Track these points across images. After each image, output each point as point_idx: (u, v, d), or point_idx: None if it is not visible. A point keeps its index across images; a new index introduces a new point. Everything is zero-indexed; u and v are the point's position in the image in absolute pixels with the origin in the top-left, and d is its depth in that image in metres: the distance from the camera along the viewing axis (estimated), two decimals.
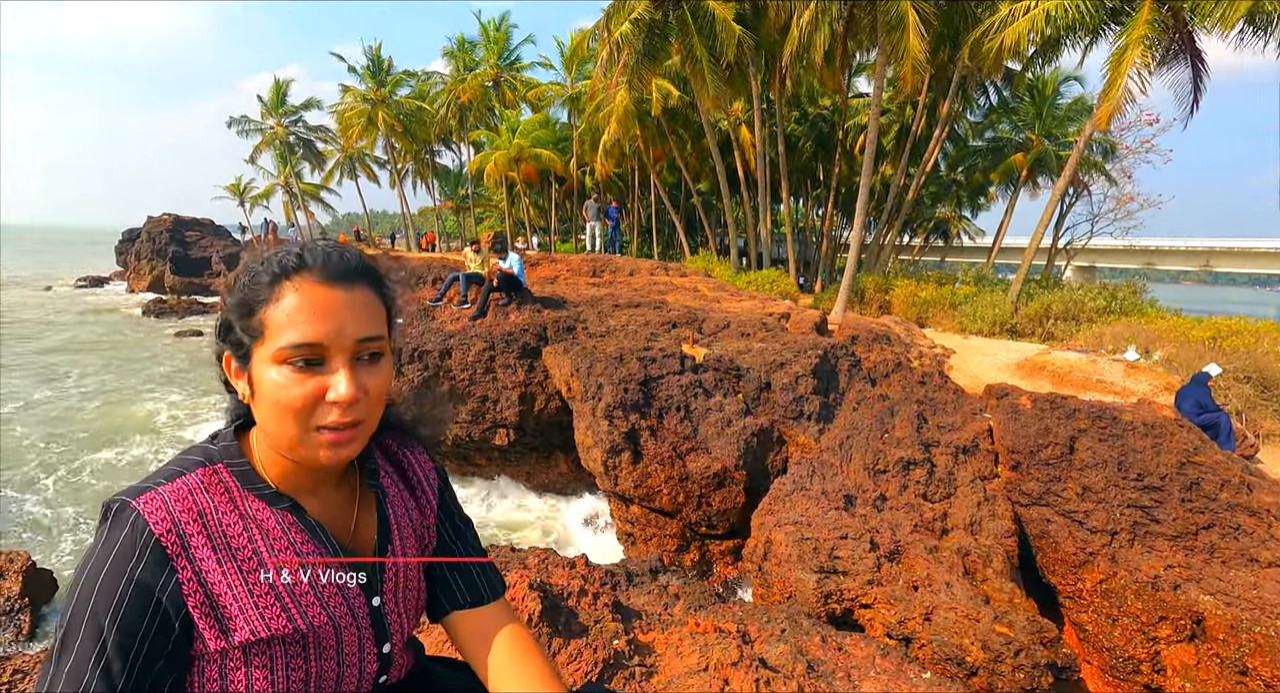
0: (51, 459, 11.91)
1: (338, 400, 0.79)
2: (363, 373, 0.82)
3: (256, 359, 0.80)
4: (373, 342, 0.83)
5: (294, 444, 0.82)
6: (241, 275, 0.83)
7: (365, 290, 0.84)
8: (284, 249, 0.84)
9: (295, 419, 0.80)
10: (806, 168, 28.99)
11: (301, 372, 0.79)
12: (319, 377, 0.79)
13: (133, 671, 0.74)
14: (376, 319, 0.84)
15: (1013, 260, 41.67)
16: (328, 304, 0.80)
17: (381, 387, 0.85)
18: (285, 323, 0.79)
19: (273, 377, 0.79)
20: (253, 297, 0.81)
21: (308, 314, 0.79)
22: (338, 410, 0.80)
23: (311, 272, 0.81)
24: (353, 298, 0.82)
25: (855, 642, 2.78)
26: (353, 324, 0.81)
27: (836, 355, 8.09)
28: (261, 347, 0.80)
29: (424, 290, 11.98)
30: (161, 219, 37.23)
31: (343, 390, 0.79)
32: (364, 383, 0.82)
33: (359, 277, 0.84)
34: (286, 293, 0.79)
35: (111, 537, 0.77)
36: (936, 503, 5.53)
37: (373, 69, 32.92)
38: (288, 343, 0.78)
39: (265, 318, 0.79)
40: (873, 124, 15.55)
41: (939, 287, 17.80)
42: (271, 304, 0.79)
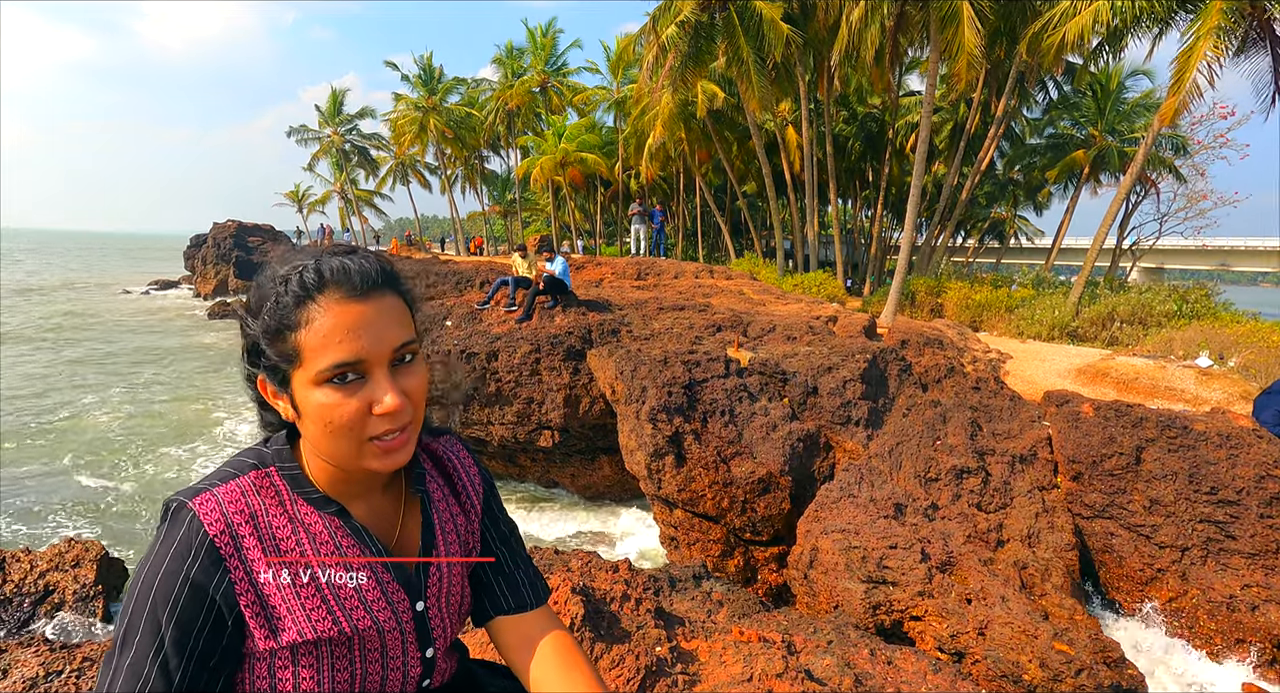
0: (126, 453, 12.56)
1: (385, 411, 0.79)
2: (402, 377, 0.82)
3: (297, 383, 0.80)
4: (407, 346, 0.83)
5: (350, 458, 0.82)
6: (264, 299, 0.81)
7: (389, 297, 0.83)
8: (298, 265, 0.81)
9: (348, 436, 0.80)
10: (855, 168, 28.47)
11: (344, 389, 0.79)
12: (363, 391, 0.79)
13: (188, 666, 0.76)
14: (405, 322, 0.84)
15: (1073, 262, 40.09)
16: (359, 320, 0.79)
17: (421, 386, 0.85)
18: (320, 346, 0.77)
19: (318, 399, 0.78)
20: (280, 322, 0.79)
21: (342, 334, 0.77)
22: (388, 420, 0.80)
23: (336, 289, 0.79)
24: (380, 308, 0.81)
25: (905, 656, 2.69)
26: (386, 334, 0.80)
27: (886, 360, 7.90)
28: (300, 371, 0.79)
29: (472, 293, 12.20)
30: (226, 225, 38.95)
31: (389, 402, 0.79)
32: (405, 387, 0.82)
33: (380, 285, 0.82)
34: (315, 315, 0.78)
35: (169, 536, 0.80)
36: (991, 513, 5.33)
37: (424, 77, 33.76)
38: (329, 365, 0.77)
39: (299, 343, 0.78)
40: (925, 122, 15.16)
41: (994, 289, 17.21)
42: (302, 329, 0.78)
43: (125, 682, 0.74)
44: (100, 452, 12.58)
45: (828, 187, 22.54)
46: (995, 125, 19.56)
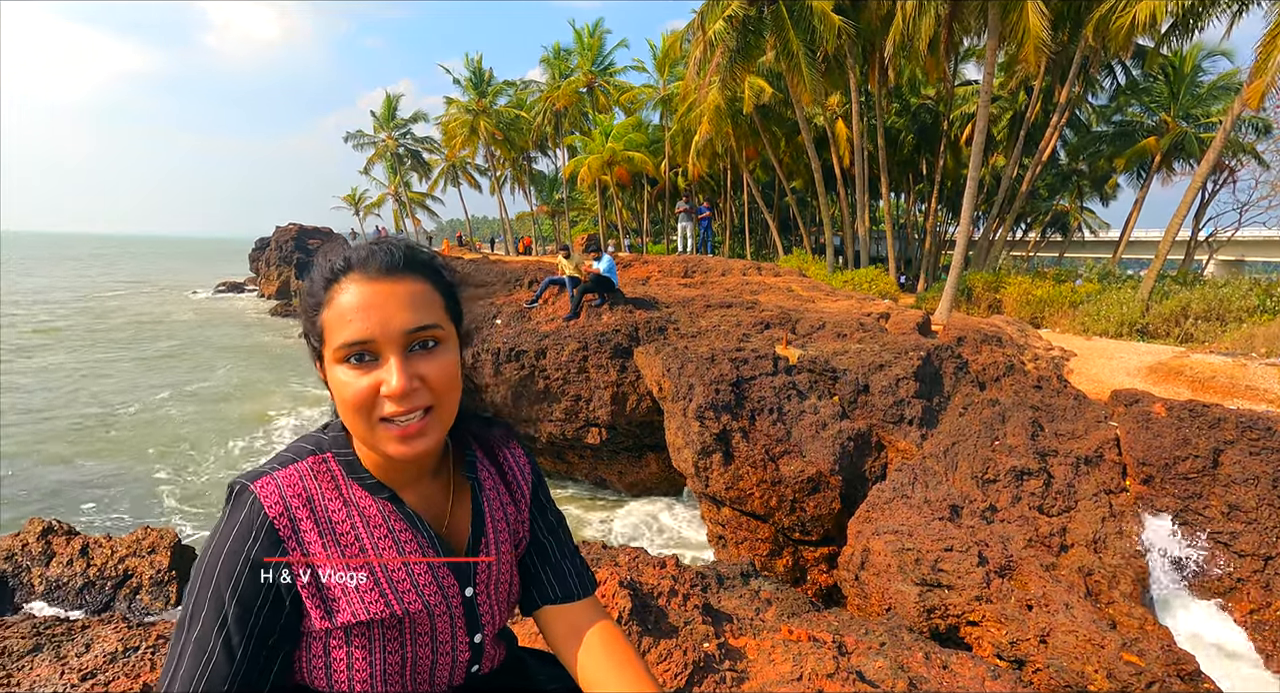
0: (193, 447, 13.21)
1: (390, 394, 0.80)
2: (418, 362, 0.83)
3: (326, 361, 0.84)
4: (425, 331, 0.83)
5: (368, 437, 0.84)
6: (308, 281, 0.87)
7: (414, 281, 0.85)
8: (336, 253, 0.86)
9: (360, 414, 0.82)
10: (908, 161, 27.71)
11: (358, 368, 0.81)
12: (374, 371, 0.81)
13: (249, 642, 0.79)
14: (428, 308, 0.85)
15: (1143, 255, 38.12)
16: (372, 299, 0.81)
17: (442, 373, 0.84)
18: (337, 323, 0.81)
19: (338, 376, 0.82)
20: (313, 303, 0.85)
21: (354, 312, 0.80)
22: (392, 402, 0.81)
23: (357, 272, 0.83)
24: (397, 290, 0.83)
25: (962, 661, 2.60)
26: (398, 316, 0.82)
27: (941, 357, 7.67)
28: (326, 349, 0.83)
29: (521, 293, 12.38)
30: (287, 229, 40.49)
31: (393, 383, 0.80)
32: (419, 371, 0.82)
33: (405, 269, 0.85)
34: (337, 295, 0.82)
35: (232, 517, 0.83)
36: (1054, 517, 5.12)
37: (474, 81, 34.38)
38: (341, 342, 0.81)
39: (324, 322, 0.83)
40: (982, 112, 14.62)
41: (1057, 284, 16.50)
42: (326, 308, 0.83)
43: (192, 656, 0.77)
44: (170, 445, 13.27)
45: (879, 181, 22.02)
46: (1058, 113, 18.76)
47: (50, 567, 5.74)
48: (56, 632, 2.17)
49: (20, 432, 13.82)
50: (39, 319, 30.89)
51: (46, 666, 1.90)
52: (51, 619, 2.30)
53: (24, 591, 5.64)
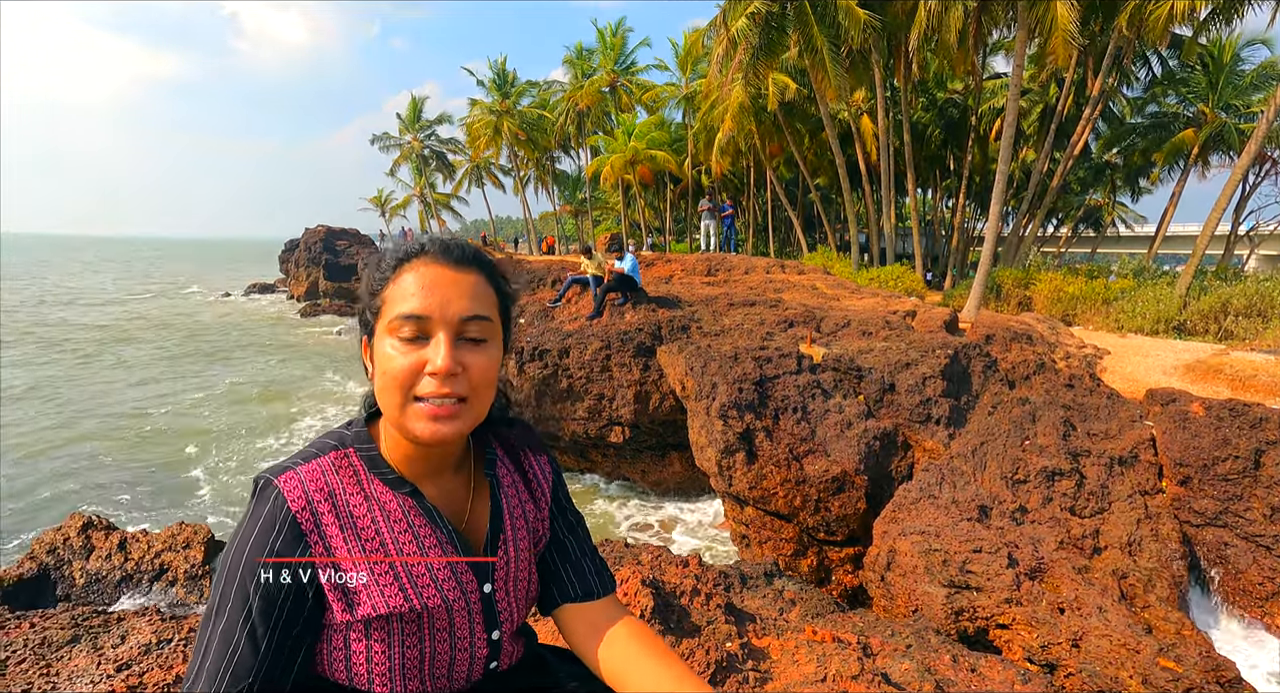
0: (224, 444, 13.51)
1: (435, 371, 0.83)
2: (464, 351, 0.86)
3: (376, 334, 0.87)
4: (477, 321, 0.87)
5: (398, 415, 0.86)
6: (373, 263, 0.92)
7: (475, 275, 0.89)
8: (408, 241, 0.91)
9: (398, 388, 0.84)
10: (935, 157, 27.28)
11: (407, 344, 0.84)
12: (422, 351, 0.84)
13: (273, 634, 0.81)
14: (483, 302, 0.89)
15: (1180, 250, 37.11)
16: (436, 279, 0.86)
17: (484, 367, 0.87)
18: (399, 297, 0.86)
19: (384, 349, 0.85)
20: (378, 278, 0.89)
21: (417, 288, 0.85)
22: (435, 381, 0.83)
23: (429, 253, 0.88)
24: (460, 278, 0.88)
25: (991, 664, 2.55)
26: (457, 301, 0.86)
27: (969, 355, 7.54)
28: (380, 322, 0.87)
29: (544, 292, 12.44)
30: (316, 230, 41.14)
31: (439, 361, 0.83)
32: (464, 360, 0.85)
33: (470, 262, 0.90)
34: (404, 273, 0.87)
35: (257, 511, 0.85)
36: (1087, 518, 5.00)
37: (498, 82, 34.63)
38: (398, 313, 0.84)
39: (385, 296, 0.87)
40: (1011, 106, 14.34)
41: (1089, 280, 16.11)
42: (391, 283, 0.87)
43: (218, 647, 0.79)
44: (200, 443, 13.59)
45: (905, 177, 21.69)
46: (1091, 106, 18.31)
47: (90, 560, 5.91)
48: (94, 624, 2.24)
49: (56, 429, 14.28)
50: (80, 322, 31.83)
51: (84, 656, 1.96)
52: (89, 611, 2.37)
53: (65, 583, 5.81)
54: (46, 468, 11.92)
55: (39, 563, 5.87)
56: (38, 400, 16.69)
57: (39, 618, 2.29)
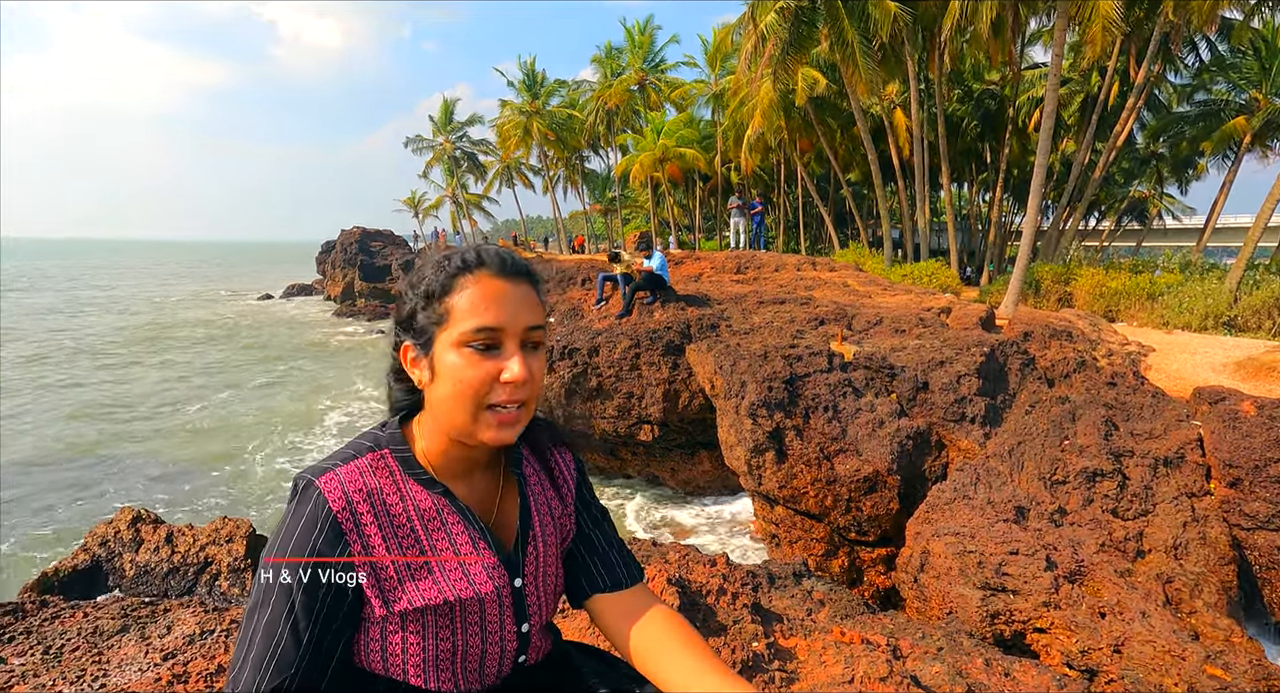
0: (258, 441, 13.91)
1: (512, 379, 0.87)
2: (530, 358, 0.90)
3: (439, 344, 0.89)
4: (538, 331, 0.92)
5: (467, 422, 0.89)
6: (426, 271, 0.94)
7: (528, 287, 0.93)
8: (460, 250, 0.94)
9: (473, 398, 0.88)
10: (970, 150, 26.67)
11: (480, 355, 0.88)
12: (494, 360, 0.88)
13: (315, 628, 0.85)
14: (539, 311, 0.94)
15: (1231, 242, 35.67)
16: (503, 294, 0.89)
17: (542, 372, 0.93)
18: (468, 310, 0.88)
19: (454, 360, 0.88)
20: (438, 288, 0.91)
21: (487, 303, 0.88)
22: (509, 389, 0.88)
23: (488, 267, 0.91)
24: (520, 291, 0.91)
25: (1026, 668, 2.50)
26: (524, 313, 0.90)
27: (1006, 353, 7.38)
28: (444, 332, 0.89)
29: (574, 291, 12.51)
30: (352, 231, 41.96)
31: (516, 371, 0.87)
32: (530, 366, 0.90)
33: (523, 274, 0.94)
34: (468, 285, 0.89)
35: (299, 510, 0.88)
36: (1130, 521, 4.86)
37: (528, 82, 34.90)
38: (470, 327, 0.87)
39: (449, 306, 0.89)
40: (1051, 96, 13.96)
41: (1134, 275, 15.60)
42: (454, 294, 0.89)
43: (262, 638, 0.83)
44: (234, 440, 14.02)
45: (940, 171, 21.27)
46: (1135, 94, 17.73)
47: (139, 553, 6.14)
48: (142, 614, 2.33)
49: (95, 428, 14.87)
50: (123, 326, 32.98)
51: (132, 645, 2.04)
52: (138, 602, 2.47)
53: (116, 574, 6.05)
54: (86, 465, 12.42)
55: (92, 555, 6.12)
56: (79, 400, 17.39)
57: (91, 608, 2.41)
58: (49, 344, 25.79)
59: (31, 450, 13.15)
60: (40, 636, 2.15)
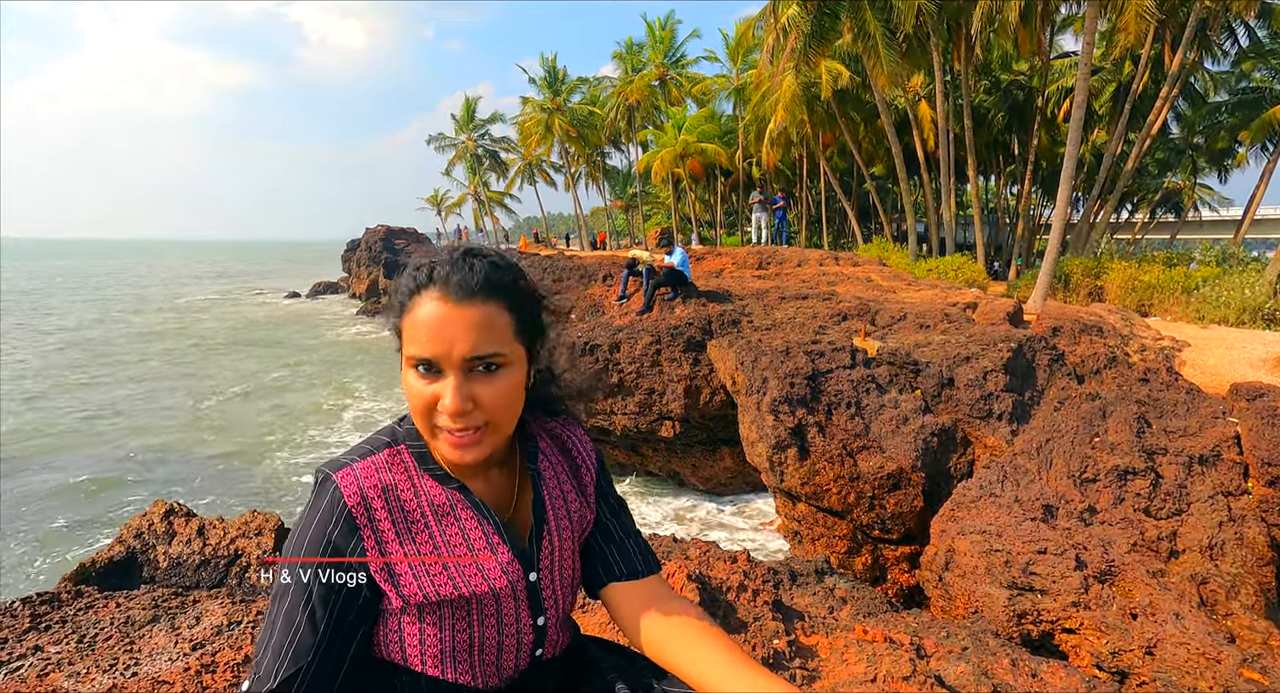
0: (282, 438, 14.18)
1: (443, 410, 0.86)
2: (476, 384, 0.86)
3: (403, 357, 0.90)
4: (485, 358, 0.86)
5: (429, 437, 0.91)
6: (402, 279, 0.92)
7: (485, 306, 0.87)
8: (427, 260, 0.91)
9: (421, 418, 0.88)
10: (997, 142, 26.17)
11: (424, 377, 0.86)
12: (437, 383, 0.86)
13: (332, 618, 0.87)
14: (493, 335, 0.87)
15: (1271, 234, 34.65)
16: (442, 322, 0.85)
17: (498, 395, 0.88)
18: (411, 335, 0.87)
19: (407, 378, 0.88)
20: (396, 305, 0.90)
21: (424, 331, 0.86)
22: (446, 418, 0.86)
23: (436, 288, 0.87)
24: (466, 315, 0.85)
25: (1054, 669, 2.45)
26: (463, 343, 0.85)
27: (1034, 349, 7.24)
28: (402, 347, 0.89)
29: (596, 287, 12.53)
30: (376, 230, 42.47)
31: (447, 402, 0.85)
32: (474, 393, 0.86)
33: (479, 293, 0.87)
34: (415, 306, 0.87)
35: (317, 504, 0.90)
36: (1163, 520, 4.74)
37: (549, 79, 34.99)
38: (409, 355, 0.87)
39: (402, 326, 0.89)
40: (1081, 85, 13.63)
41: (1168, 268, 15.21)
42: (407, 315, 0.88)
43: (282, 625, 0.86)
44: (256, 433, 14.31)
45: (966, 163, 20.92)
46: (1169, 83, 17.25)
47: (172, 545, 6.28)
48: (172, 605, 2.39)
49: (132, 422, 15.26)
50: (150, 326, 33.76)
51: (163, 635, 2.10)
52: (168, 593, 2.53)
53: (150, 565, 6.19)
54: (113, 459, 12.77)
55: (127, 547, 6.28)
56: (105, 398, 17.84)
57: (124, 598, 2.47)
58: (76, 341, 26.54)
59: (55, 445, 13.57)
60: (75, 625, 2.21)
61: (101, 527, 9.69)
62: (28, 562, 8.78)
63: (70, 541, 9.29)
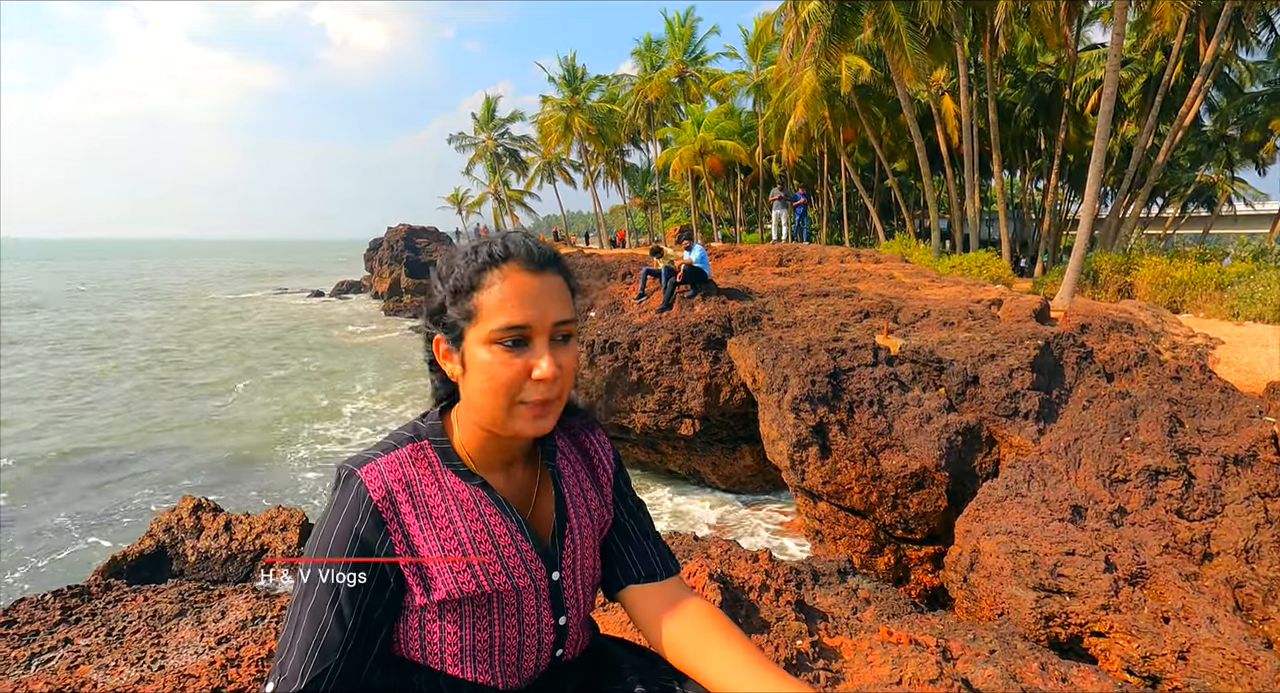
0: (302, 434, 14.38)
1: (542, 377, 0.86)
2: (559, 352, 0.88)
3: (469, 340, 0.88)
4: (566, 324, 0.89)
5: (501, 417, 0.89)
6: (455, 264, 0.92)
7: (557, 277, 0.91)
8: (489, 240, 0.92)
9: (505, 394, 0.87)
10: (1023, 136, 25.72)
11: (510, 351, 0.86)
12: (524, 356, 0.87)
13: (359, 615, 0.86)
14: (568, 303, 0.91)
15: None
16: (531, 290, 0.87)
17: (573, 365, 0.91)
18: (496, 307, 0.86)
19: (484, 356, 0.87)
20: (466, 283, 0.89)
21: (515, 300, 0.86)
22: (542, 387, 0.87)
23: (515, 260, 0.88)
24: (549, 283, 0.89)
25: (1084, 674, 2.39)
26: (551, 308, 0.88)
27: (1061, 346, 7.10)
28: (474, 329, 0.88)
29: (615, 285, 12.53)
30: (398, 229, 42.88)
31: (546, 368, 0.85)
32: (560, 361, 0.88)
33: (551, 265, 0.91)
34: (495, 280, 0.87)
35: (341, 499, 0.89)
36: (1196, 522, 4.62)
37: (568, 78, 35.05)
38: (499, 325, 0.86)
39: (477, 302, 0.87)
40: (1110, 77, 13.33)
41: (1201, 264, 14.84)
42: (483, 290, 0.87)
43: (308, 623, 0.85)
44: (268, 432, 14.54)
45: (990, 158, 20.59)
46: (1203, 73, 16.81)
47: (200, 539, 6.40)
48: (198, 599, 2.43)
49: (167, 418, 15.57)
50: (177, 324, 34.42)
51: (189, 629, 2.13)
52: (195, 587, 2.57)
53: (179, 559, 6.32)
54: (135, 456, 13.04)
55: (157, 541, 6.41)
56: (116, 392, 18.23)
57: (151, 592, 2.52)
58: (108, 342, 27.13)
59: (80, 439, 13.89)
60: (104, 618, 2.26)
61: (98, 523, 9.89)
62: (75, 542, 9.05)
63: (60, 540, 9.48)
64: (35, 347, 25.27)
